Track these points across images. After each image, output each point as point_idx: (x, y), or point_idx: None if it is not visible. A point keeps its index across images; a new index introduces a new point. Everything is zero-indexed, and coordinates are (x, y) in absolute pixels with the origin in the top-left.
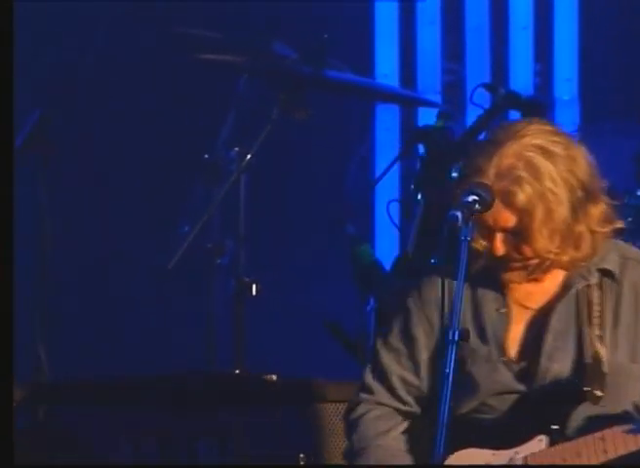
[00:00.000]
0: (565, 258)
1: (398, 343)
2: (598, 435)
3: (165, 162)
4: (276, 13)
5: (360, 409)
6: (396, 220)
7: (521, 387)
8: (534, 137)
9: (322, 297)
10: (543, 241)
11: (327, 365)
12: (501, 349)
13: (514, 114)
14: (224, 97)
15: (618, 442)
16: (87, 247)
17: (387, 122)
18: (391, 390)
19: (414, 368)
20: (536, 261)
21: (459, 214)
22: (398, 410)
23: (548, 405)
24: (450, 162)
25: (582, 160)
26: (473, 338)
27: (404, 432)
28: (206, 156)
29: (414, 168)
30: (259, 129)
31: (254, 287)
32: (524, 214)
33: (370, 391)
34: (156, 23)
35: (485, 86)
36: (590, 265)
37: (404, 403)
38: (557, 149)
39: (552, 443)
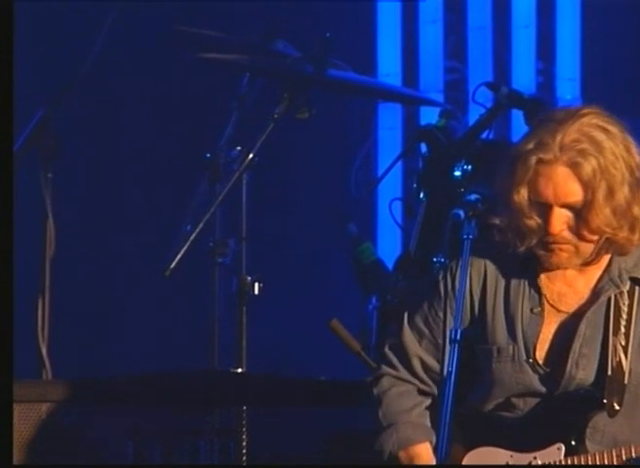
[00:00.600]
0: (621, 236)
1: (422, 325)
2: (616, 452)
3: (167, 161)
4: (279, 12)
5: (385, 383)
6: (398, 219)
7: (544, 390)
8: (593, 117)
9: (324, 296)
10: (604, 217)
11: (329, 364)
12: (531, 350)
13: (517, 113)
14: (227, 97)
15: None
16: (89, 245)
17: (390, 121)
18: (411, 370)
19: (434, 351)
20: (589, 242)
21: (461, 212)
22: (419, 389)
23: (569, 412)
24: (452, 161)
25: (634, 146)
26: (501, 336)
27: (426, 408)
28: (208, 155)
29: (416, 166)
30: (261, 128)
31: (256, 286)
32: (588, 187)
33: (391, 365)
34: (159, 22)
35: (487, 85)
36: (623, 272)
37: (423, 382)
38: (615, 130)
39: (568, 453)
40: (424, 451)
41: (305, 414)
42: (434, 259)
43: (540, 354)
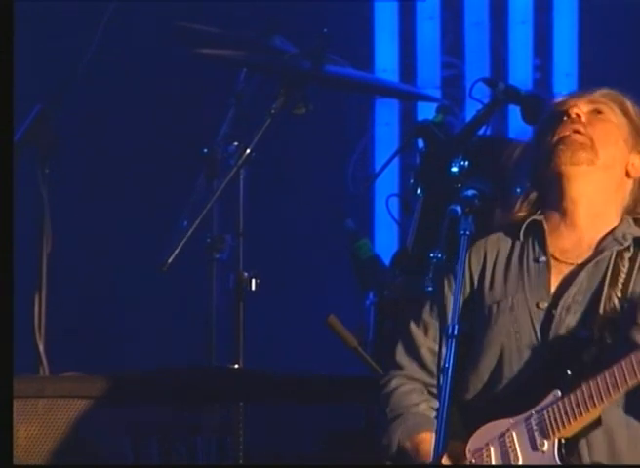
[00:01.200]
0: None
1: (428, 316)
2: (607, 372)
3: (164, 156)
4: (276, 8)
5: (393, 384)
6: (395, 215)
7: (538, 335)
8: None
9: (321, 292)
10: (623, 125)
11: (326, 360)
12: (542, 293)
13: (514, 109)
14: (224, 92)
15: (627, 373)
16: (86, 241)
17: (387, 117)
18: (421, 363)
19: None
20: (605, 143)
21: (458, 208)
22: (428, 386)
23: (561, 357)
24: (449, 156)
25: None
26: (501, 291)
27: (433, 408)
28: (205, 151)
29: (413, 162)
30: (258, 124)
31: (253, 282)
32: (613, 102)
33: (400, 367)
34: (156, 18)
35: (484, 80)
36: (627, 234)
37: (433, 376)
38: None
39: (565, 393)
40: (429, 439)
41: (303, 411)
42: (431, 255)
43: (549, 299)
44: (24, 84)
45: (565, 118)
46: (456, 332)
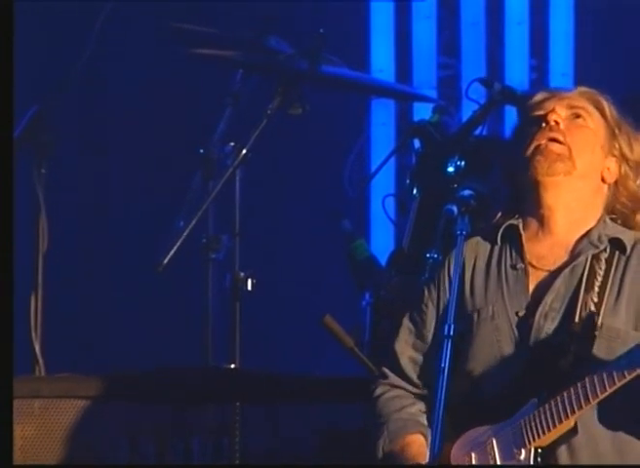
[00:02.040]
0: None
1: (408, 323)
2: (580, 383)
3: (161, 156)
4: (272, 8)
5: (378, 391)
6: (392, 215)
7: (518, 343)
8: None
9: (317, 292)
10: (601, 129)
11: (322, 360)
12: (522, 301)
13: (510, 109)
14: (220, 92)
15: (598, 383)
16: (82, 241)
17: (383, 117)
18: (402, 373)
19: (423, 346)
20: (583, 151)
21: (454, 208)
22: (411, 393)
23: (539, 365)
24: (445, 157)
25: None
26: (481, 299)
27: (420, 411)
28: (201, 151)
29: (409, 162)
30: (254, 124)
31: (249, 282)
32: (592, 103)
33: (384, 375)
34: (152, 19)
35: (480, 81)
36: (602, 236)
37: (415, 385)
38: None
39: (542, 403)
40: (416, 441)
41: (299, 411)
42: (427, 255)
43: (526, 306)
44: (21, 84)
45: (543, 124)
46: (452, 333)
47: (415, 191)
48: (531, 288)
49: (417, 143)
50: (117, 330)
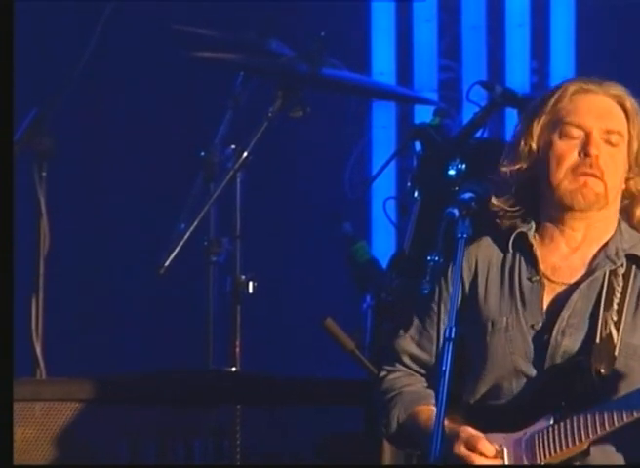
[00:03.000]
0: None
1: (418, 322)
2: (598, 408)
3: (162, 159)
4: (273, 11)
5: (382, 373)
6: (393, 218)
7: (532, 357)
8: None
9: (318, 295)
10: (624, 144)
11: (323, 363)
12: (537, 315)
13: (511, 112)
14: (221, 95)
15: (616, 413)
16: (83, 244)
17: (384, 120)
18: (405, 365)
19: (430, 346)
20: (617, 181)
21: (456, 211)
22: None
23: (556, 382)
24: (446, 159)
25: None
26: (494, 309)
27: (424, 387)
28: (202, 154)
29: (410, 165)
30: (255, 127)
31: (250, 284)
32: (630, 119)
33: (386, 364)
34: (153, 21)
35: (481, 83)
36: (619, 250)
37: (420, 374)
38: None
39: (558, 421)
40: (431, 409)
41: (300, 413)
42: (428, 258)
43: (542, 320)
44: (21, 87)
45: (582, 152)
46: (453, 335)
47: (416, 194)
48: (546, 301)
49: (418, 146)
50: (118, 332)
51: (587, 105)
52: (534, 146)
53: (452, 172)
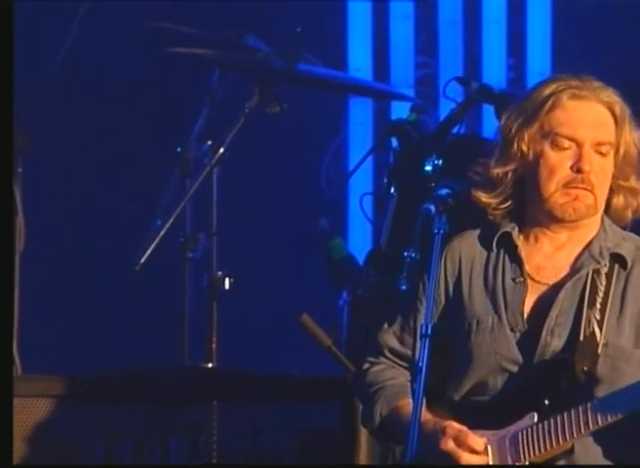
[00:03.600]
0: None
1: (400, 317)
2: (582, 408)
3: (138, 155)
4: (249, 7)
5: (364, 366)
6: (369, 214)
7: (520, 359)
8: None
9: (295, 291)
10: (630, 158)
11: (300, 359)
12: (518, 317)
13: (487, 108)
14: (197, 91)
15: (600, 413)
16: (59, 240)
17: (361, 115)
18: (388, 359)
19: (410, 341)
20: (605, 190)
21: (432, 207)
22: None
23: (541, 381)
24: (423, 155)
25: None
26: (479, 308)
27: (407, 380)
28: (179, 150)
29: (387, 161)
30: (232, 122)
31: (226, 281)
32: (620, 128)
33: (369, 356)
34: (130, 17)
35: (458, 80)
36: (603, 249)
37: (403, 367)
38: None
39: (542, 419)
40: (409, 404)
41: (276, 410)
42: (405, 254)
43: (524, 323)
44: None
45: (575, 169)
46: (429, 332)
47: (392, 190)
48: (529, 301)
49: (394, 142)
50: (94, 329)
51: (580, 115)
52: (525, 150)
53: (428, 168)
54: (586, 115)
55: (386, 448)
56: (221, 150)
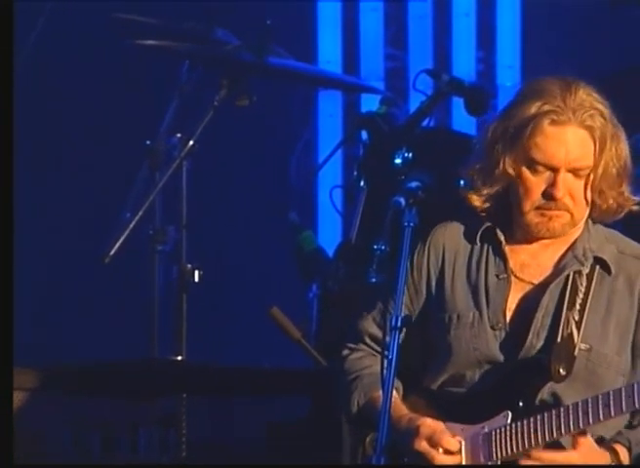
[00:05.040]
0: (620, 199)
1: (380, 305)
2: (555, 412)
3: (107, 148)
4: None
5: (343, 353)
6: (339, 207)
7: (501, 358)
8: (587, 89)
9: (264, 284)
10: (611, 179)
11: (269, 352)
12: (500, 314)
13: (457, 101)
14: (167, 84)
15: (572, 418)
16: (28, 232)
17: (330, 108)
18: (367, 345)
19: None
20: (585, 208)
21: (402, 199)
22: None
23: (517, 380)
24: (393, 148)
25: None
26: (461, 303)
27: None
28: (148, 142)
29: (357, 154)
30: (201, 115)
31: (196, 273)
32: (600, 149)
33: (348, 341)
34: (98, 10)
35: (428, 72)
36: (587, 251)
37: (381, 355)
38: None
39: (515, 419)
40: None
41: (246, 402)
42: (375, 247)
43: (505, 321)
44: None
45: (548, 194)
46: (399, 324)
47: (362, 183)
48: (512, 299)
49: (364, 135)
50: (62, 321)
51: (558, 142)
52: (510, 172)
53: (398, 160)
54: (565, 141)
55: (357, 437)
56: (191, 143)
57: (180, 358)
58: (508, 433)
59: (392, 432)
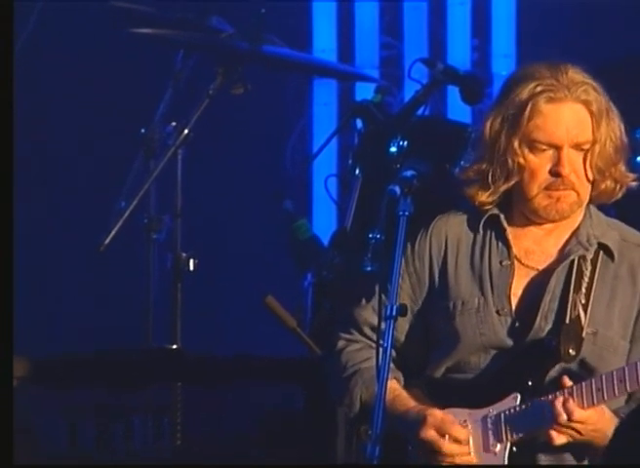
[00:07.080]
0: (615, 176)
1: (381, 294)
2: (567, 390)
3: (102, 137)
4: None
5: (339, 345)
6: (334, 195)
7: (508, 342)
8: (578, 69)
9: (259, 273)
10: (608, 155)
11: (264, 341)
12: (504, 301)
13: (452, 89)
14: (161, 72)
15: (585, 395)
16: (22, 221)
17: (325, 97)
18: (366, 336)
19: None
20: (588, 185)
21: (397, 188)
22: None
23: (525, 363)
24: (388, 137)
25: None
26: (465, 289)
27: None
28: (143, 131)
29: (351, 143)
30: (196, 104)
31: (191, 262)
32: (597, 124)
33: (344, 331)
34: None
35: (423, 61)
36: (591, 237)
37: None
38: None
39: (524, 400)
40: (392, 386)
41: (241, 391)
42: (370, 235)
43: (510, 306)
44: None
45: (554, 172)
46: (394, 313)
47: (357, 171)
48: (517, 285)
49: (359, 123)
50: (58, 310)
51: (557, 119)
52: (521, 161)
53: (393, 149)
54: (564, 118)
55: (352, 427)
56: (186, 131)
57: (174, 347)
58: (519, 415)
59: (400, 424)
